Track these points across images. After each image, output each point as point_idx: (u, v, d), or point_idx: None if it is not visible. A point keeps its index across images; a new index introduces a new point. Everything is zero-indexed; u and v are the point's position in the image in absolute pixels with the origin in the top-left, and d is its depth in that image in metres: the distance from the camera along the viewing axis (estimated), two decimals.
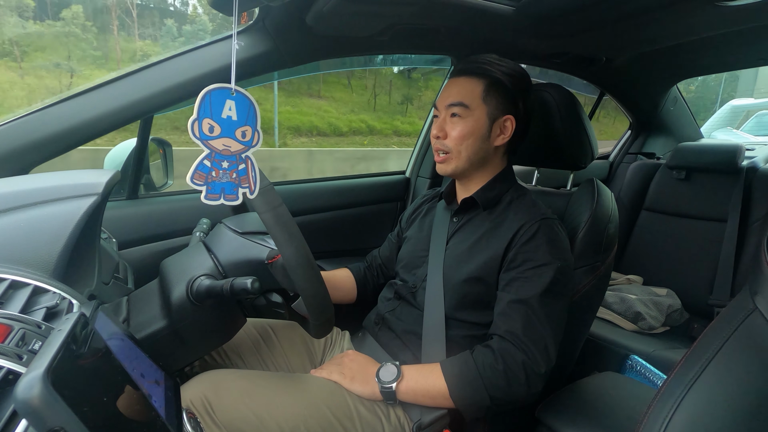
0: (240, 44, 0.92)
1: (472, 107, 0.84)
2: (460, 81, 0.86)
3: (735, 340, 0.47)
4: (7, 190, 0.60)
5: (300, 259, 0.58)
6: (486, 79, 0.84)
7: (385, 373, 0.77)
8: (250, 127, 0.54)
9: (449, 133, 0.85)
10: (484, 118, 0.84)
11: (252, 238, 0.71)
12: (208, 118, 0.51)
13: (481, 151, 0.86)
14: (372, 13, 0.91)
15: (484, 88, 0.84)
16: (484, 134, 0.85)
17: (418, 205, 1.07)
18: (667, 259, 1.73)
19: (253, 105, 0.54)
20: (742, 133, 3.76)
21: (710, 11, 1.03)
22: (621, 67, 1.60)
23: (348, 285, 1.05)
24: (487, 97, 0.84)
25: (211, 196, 0.54)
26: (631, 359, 1.29)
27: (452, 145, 0.85)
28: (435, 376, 0.75)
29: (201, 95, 0.50)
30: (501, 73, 0.84)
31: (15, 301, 0.47)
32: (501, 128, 0.86)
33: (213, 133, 0.52)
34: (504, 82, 0.84)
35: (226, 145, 0.53)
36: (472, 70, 0.85)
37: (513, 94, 0.85)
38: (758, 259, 0.49)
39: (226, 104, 0.52)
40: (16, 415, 0.34)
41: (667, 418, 0.44)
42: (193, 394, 0.67)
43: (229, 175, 0.54)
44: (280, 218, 0.57)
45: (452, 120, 0.85)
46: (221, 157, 0.53)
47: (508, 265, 0.79)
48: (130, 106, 0.85)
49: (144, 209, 1.06)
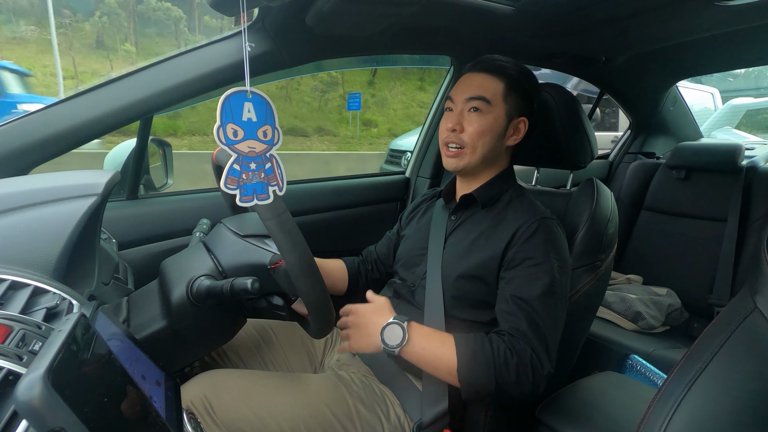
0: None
1: (494, 103, 0.83)
2: (480, 77, 0.85)
3: (735, 340, 0.47)
4: (7, 190, 0.60)
5: (304, 266, 0.58)
6: (507, 79, 0.84)
7: (390, 335, 0.74)
8: (269, 126, 0.55)
9: (466, 127, 0.84)
10: (503, 117, 0.84)
11: (253, 241, 0.71)
12: (231, 123, 0.52)
13: (495, 149, 0.86)
14: (372, 13, 0.91)
15: (505, 87, 0.84)
16: (500, 133, 0.85)
17: (416, 205, 1.07)
18: (667, 259, 1.73)
19: (270, 104, 0.55)
20: (742, 133, 3.76)
21: (710, 11, 1.03)
22: (621, 66, 1.60)
23: (339, 275, 1.04)
24: (507, 96, 0.84)
25: (245, 198, 0.55)
26: (631, 359, 1.29)
27: (468, 140, 0.84)
28: (446, 348, 0.73)
29: (221, 101, 0.51)
30: (518, 73, 0.85)
31: (15, 301, 0.47)
32: (515, 129, 0.87)
33: (237, 137, 0.53)
34: (523, 84, 0.85)
35: (251, 146, 0.54)
36: (492, 68, 0.85)
37: (530, 97, 0.86)
38: (758, 258, 0.49)
39: (245, 107, 0.53)
40: (17, 416, 0.34)
41: (667, 417, 0.44)
42: (193, 394, 0.67)
43: (258, 175, 0.56)
44: (284, 225, 0.58)
45: (471, 114, 0.84)
46: (248, 159, 0.54)
47: (508, 264, 0.79)
48: (130, 106, 0.85)
49: (144, 209, 1.06)
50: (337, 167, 7.85)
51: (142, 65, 0.88)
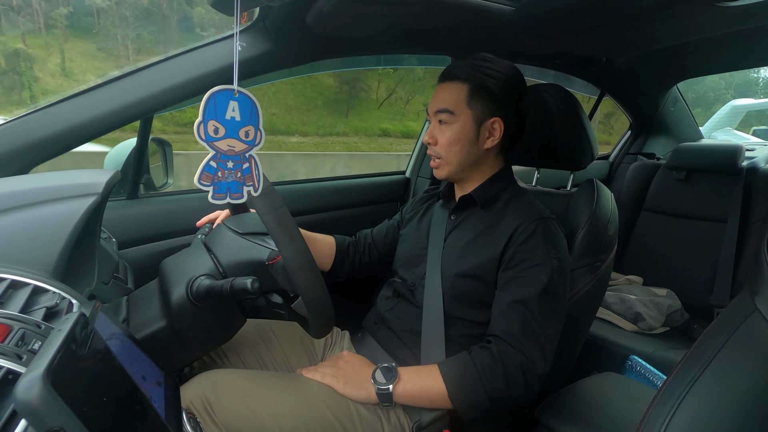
0: (242, 45, 0.92)
1: (457, 113, 0.83)
2: (446, 87, 0.85)
3: (735, 341, 0.47)
4: (7, 190, 0.60)
5: (301, 260, 0.58)
6: (469, 83, 0.83)
7: (380, 375, 0.76)
8: (252, 127, 0.55)
9: (438, 139, 0.86)
10: (470, 123, 0.84)
11: (252, 238, 0.71)
12: (213, 120, 0.52)
13: (471, 155, 0.86)
14: (372, 13, 0.91)
15: (468, 93, 0.83)
16: (471, 139, 0.84)
17: (416, 204, 1.07)
18: (667, 260, 1.73)
19: (255, 105, 0.55)
20: (742, 134, 3.76)
21: (710, 11, 1.03)
22: (621, 67, 1.59)
23: (326, 250, 1.03)
24: (471, 102, 0.83)
25: (218, 196, 0.55)
26: (631, 360, 1.29)
27: (442, 152, 0.86)
28: (433, 378, 0.75)
29: (206, 97, 0.51)
30: (486, 75, 0.83)
31: (15, 300, 0.47)
32: (489, 131, 0.85)
33: (218, 135, 0.53)
34: (488, 85, 0.82)
35: (231, 145, 0.54)
36: (456, 74, 0.84)
37: (498, 96, 0.83)
38: (758, 259, 0.50)
39: (230, 105, 0.53)
40: (16, 415, 0.34)
41: (667, 418, 0.44)
42: (193, 395, 0.67)
43: (234, 174, 0.55)
44: (281, 220, 0.58)
45: (440, 127, 0.85)
46: (226, 157, 0.54)
47: (506, 264, 0.79)
48: (130, 106, 0.85)
49: (144, 209, 1.06)
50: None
51: (143, 65, 0.88)
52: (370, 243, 1.08)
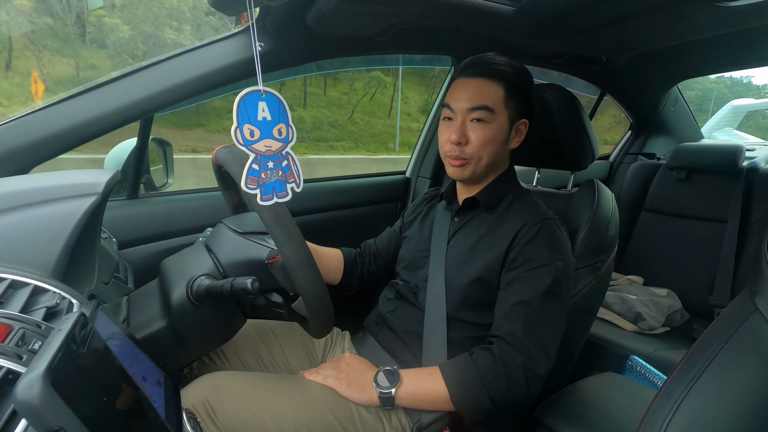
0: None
1: (497, 111, 0.80)
2: (479, 83, 0.81)
3: (735, 341, 0.47)
4: (7, 190, 0.60)
5: (299, 258, 0.58)
6: (505, 82, 0.81)
7: (383, 378, 0.76)
8: (283, 124, 0.56)
9: (471, 138, 0.81)
10: (506, 123, 0.82)
11: (252, 238, 0.71)
12: (247, 124, 0.53)
13: (499, 156, 0.85)
14: (372, 13, 0.91)
15: (505, 92, 0.81)
16: (504, 139, 0.83)
17: (418, 205, 1.06)
18: (668, 260, 1.73)
19: (282, 102, 0.55)
20: (742, 134, 3.76)
21: (710, 11, 1.03)
22: (621, 67, 1.60)
23: (334, 264, 1.03)
24: (508, 101, 0.81)
25: (265, 197, 0.56)
26: (631, 360, 1.29)
27: (473, 152, 0.81)
28: (434, 380, 0.75)
29: (236, 102, 0.51)
30: (515, 74, 0.82)
31: (15, 300, 0.47)
32: (516, 131, 0.85)
33: (254, 137, 0.54)
34: (522, 86, 0.82)
35: (267, 145, 0.55)
36: (489, 72, 0.81)
37: (530, 97, 0.84)
38: (758, 259, 0.50)
39: (259, 106, 0.53)
40: (16, 415, 0.34)
41: (667, 418, 0.44)
42: (194, 397, 0.67)
43: (276, 173, 0.56)
44: (279, 218, 0.58)
45: (474, 125, 0.81)
46: (266, 158, 0.55)
47: (510, 265, 0.79)
48: (130, 106, 0.85)
49: (144, 209, 1.06)
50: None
51: (142, 64, 0.88)
52: (375, 252, 1.08)
